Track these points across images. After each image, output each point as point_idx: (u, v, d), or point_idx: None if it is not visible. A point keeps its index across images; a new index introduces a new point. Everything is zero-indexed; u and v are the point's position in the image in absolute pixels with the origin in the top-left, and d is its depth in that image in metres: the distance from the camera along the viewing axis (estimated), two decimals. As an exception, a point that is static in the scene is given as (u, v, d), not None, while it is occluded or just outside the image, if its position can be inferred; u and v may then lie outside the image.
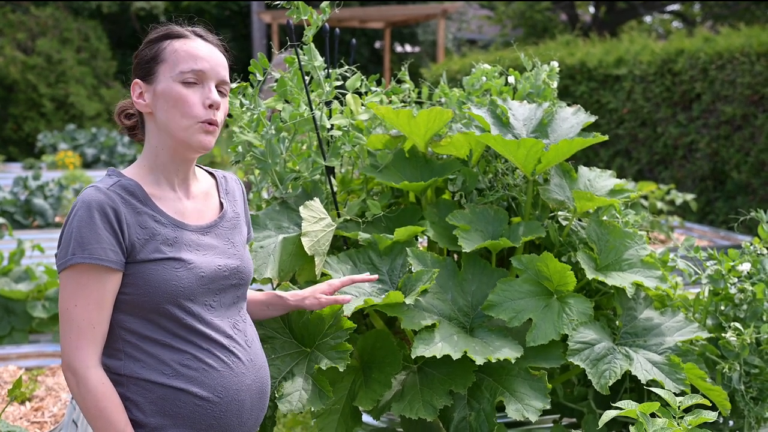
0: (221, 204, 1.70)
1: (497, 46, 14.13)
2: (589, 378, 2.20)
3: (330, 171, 2.32)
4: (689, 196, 5.12)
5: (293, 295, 1.88)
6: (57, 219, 5.55)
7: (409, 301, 1.93)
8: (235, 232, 1.69)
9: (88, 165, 8.16)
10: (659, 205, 4.91)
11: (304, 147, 2.54)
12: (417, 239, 2.32)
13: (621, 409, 1.62)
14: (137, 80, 1.58)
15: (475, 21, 20.88)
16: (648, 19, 18.72)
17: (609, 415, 1.58)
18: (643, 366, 2.00)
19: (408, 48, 18.68)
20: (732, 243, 4.80)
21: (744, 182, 6.33)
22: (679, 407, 1.66)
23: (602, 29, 14.91)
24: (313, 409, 1.84)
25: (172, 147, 1.57)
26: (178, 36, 1.58)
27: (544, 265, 2.07)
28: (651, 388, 1.74)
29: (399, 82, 2.72)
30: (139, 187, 1.54)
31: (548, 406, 1.93)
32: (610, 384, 1.96)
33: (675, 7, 17.97)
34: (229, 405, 1.55)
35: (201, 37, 1.61)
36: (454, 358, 1.88)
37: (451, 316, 2.08)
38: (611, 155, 7.88)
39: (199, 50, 1.58)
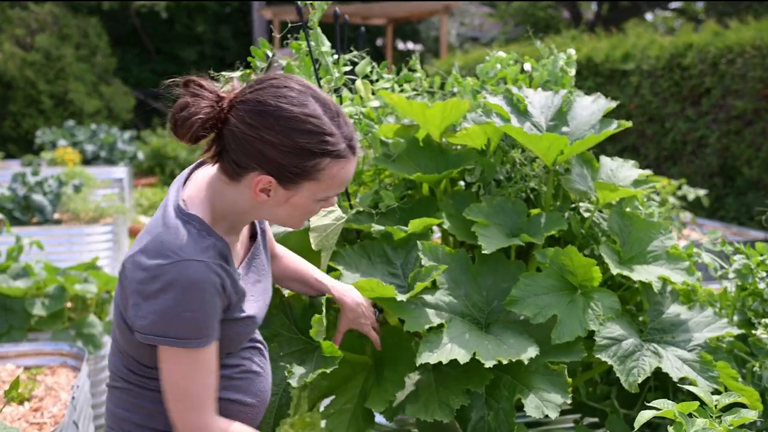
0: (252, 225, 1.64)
1: (500, 43, 14.03)
2: (616, 376, 2.12)
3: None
4: (701, 192, 5.02)
5: (338, 294, 1.84)
6: (56, 216, 5.45)
7: (400, 298, 1.84)
8: (265, 247, 1.66)
9: (87, 162, 8.06)
10: (671, 200, 4.82)
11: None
12: (432, 232, 2.22)
13: (657, 409, 1.52)
14: (270, 179, 1.39)
15: (477, 18, 20.79)
16: (649, 17, 18.62)
17: (645, 416, 1.48)
18: (673, 363, 1.90)
19: (410, 45, 18.58)
20: (745, 239, 4.70)
21: (755, 178, 6.23)
22: (716, 406, 1.56)
23: (605, 27, 14.82)
24: (327, 371, 1.74)
25: (261, 216, 1.51)
26: (339, 155, 1.41)
27: (568, 259, 1.98)
28: (685, 386, 1.64)
29: (411, 71, 2.62)
30: (227, 246, 1.44)
31: (569, 401, 1.83)
32: (639, 382, 1.86)
33: (677, 4, 17.87)
34: (263, 406, 1.61)
35: (355, 150, 1.46)
36: (461, 362, 1.78)
37: (464, 313, 1.98)
38: (618, 151, 7.79)
39: (351, 173, 1.46)
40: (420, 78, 2.62)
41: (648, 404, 1.54)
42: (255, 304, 1.53)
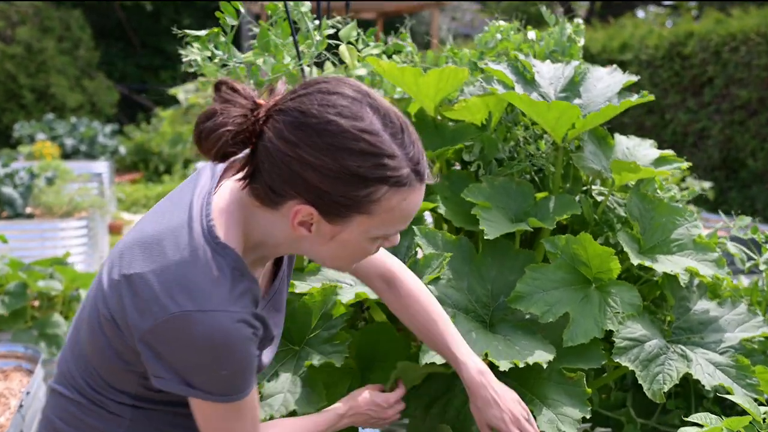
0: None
1: (493, 38, 13.80)
2: (632, 380, 1.89)
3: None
4: (706, 184, 4.79)
5: (467, 378, 1.47)
6: (28, 210, 5.20)
7: None
8: (289, 275, 1.40)
9: (67, 156, 7.80)
10: (673, 192, 4.59)
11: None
12: (424, 217, 1.98)
13: (699, 425, 1.27)
14: (311, 210, 1.12)
15: (469, 13, 20.60)
16: (641, 14, 18.47)
17: (686, 433, 1.22)
18: (704, 368, 1.65)
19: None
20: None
21: (760, 170, 6.03)
22: (765, 420, 1.31)
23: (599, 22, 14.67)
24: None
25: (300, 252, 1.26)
26: (400, 183, 1.12)
27: (581, 248, 1.72)
28: (718, 395, 1.39)
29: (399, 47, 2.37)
30: (258, 288, 1.19)
31: (588, 416, 1.58)
32: (665, 390, 1.61)
33: (670, 2, 17.72)
34: None
35: (422, 176, 1.16)
36: None
37: (468, 308, 1.74)
38: (616, 145, 7.58)
39: (417, 205, 1.17)
40: (411, 52, 2.37)
41: (685, 419, 1.28)
42: (269, 351, 1.32)
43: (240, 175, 1.16)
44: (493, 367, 1.53)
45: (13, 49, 11.14)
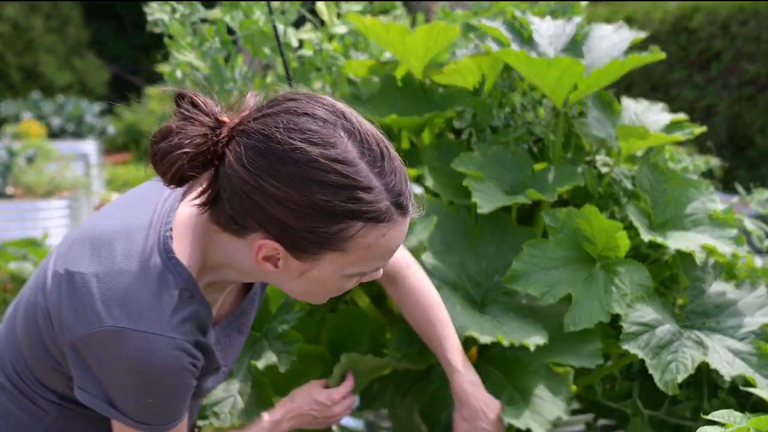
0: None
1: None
2: (638, 369, 1.76)
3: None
4: (714, 161, 4.62)
5: (458, 388, 1.42)
6: (8, 189, 5.05)
7: None
8: (260, 300, 1.27)
9: (54, 135, 7.64)
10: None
11: (270, 80, 2.01)
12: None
13: (720, 424, 1.09)
14: (275, 244, 0.99)
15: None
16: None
17: (708, 435, 1.04)
18: (723, 356, 1.49)
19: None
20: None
21: (769, 148, 5.89)
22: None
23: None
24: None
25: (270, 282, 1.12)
26: (377, 219, 0.98)
27: (585, 222, 1.55)
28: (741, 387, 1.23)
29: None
30: (209, 314, 1.07)
31: (565, 417, 1.46)
32: (679, 381, 1.44)
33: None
34: None
35: (405, 209, 1.01)
36: None
37: (456, 284, 1.60)
38: (617, 123, 7.45)
39: (399, 240, 1.03)
40: (400, 16, 2.20)
41: (705, 417, 1.10)
42: (214, 377, 1.17)
43: (199, 200, 1.01)
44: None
45: (0, 27, 10.95)
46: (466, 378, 1.40)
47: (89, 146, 7.09)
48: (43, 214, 4.79)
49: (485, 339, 1.44)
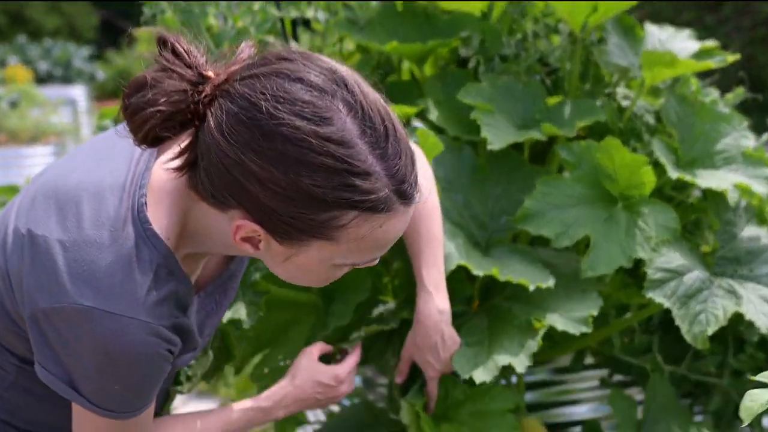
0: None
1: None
2: (658, 322, 1.66)
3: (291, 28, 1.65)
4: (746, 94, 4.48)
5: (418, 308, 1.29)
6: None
7: None
8: (243, 271, 1.14)
9: (42, 80, 7.45)
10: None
11: (257, 7, 1.85)
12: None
13: (766, 385, 0.96)
14: (255, 226, 0.85)
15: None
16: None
17: (756, 403, 0.90)
18: (758, 307, 1.36)
19: None
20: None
21: (782, 93, 5.71)
22: None
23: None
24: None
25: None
26: (374, 209, 0.84)
27: (606, 156, 1.41)
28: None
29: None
30: (189, 289, 0.96)
31: (522, 370, 1.31)
32: (709, 333, 1.32)
33: None
34: None
35: (409, 197, 0.87)
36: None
37: (459, 224, 1.47)
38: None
39: (398, 231, 0.90)
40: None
41: (701, 356, 0.96)
42: (191, 354, 1.05)
43: (175, 163, 0.87)
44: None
45: (-14, -31, 10.63)
46: (434, 302, 1.26)
47: (78, 91, 6.91)
48: (28, 161, 4.64)
49: (477, 272, 1.33)
